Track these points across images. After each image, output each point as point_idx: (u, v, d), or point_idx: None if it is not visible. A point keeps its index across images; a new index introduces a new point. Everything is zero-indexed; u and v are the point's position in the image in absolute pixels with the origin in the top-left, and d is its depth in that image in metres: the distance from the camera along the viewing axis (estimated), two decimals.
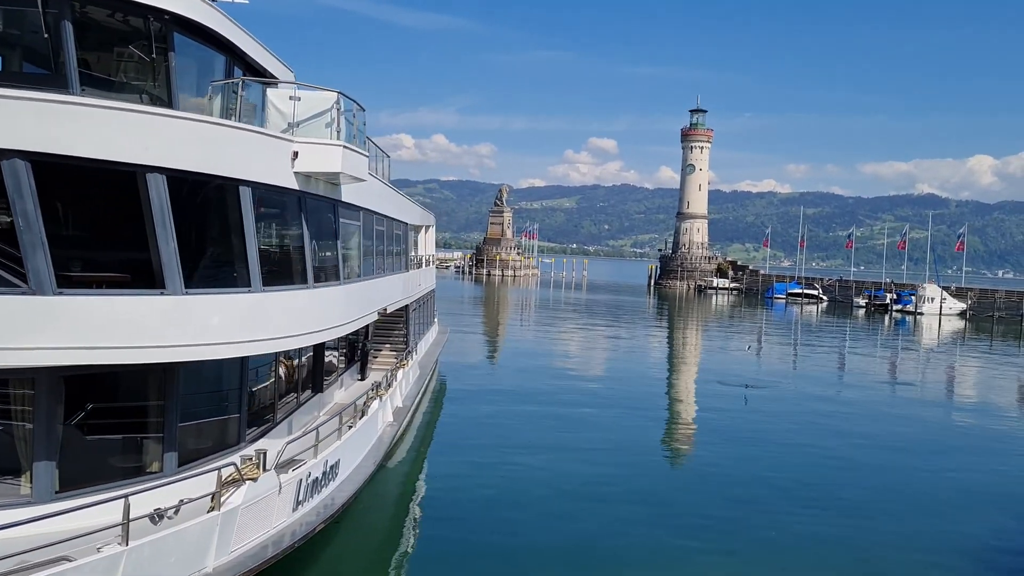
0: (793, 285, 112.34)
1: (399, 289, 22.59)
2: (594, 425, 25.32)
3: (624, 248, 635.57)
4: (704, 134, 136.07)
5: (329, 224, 14.39)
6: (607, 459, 21.00)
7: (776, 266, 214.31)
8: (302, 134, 12.52)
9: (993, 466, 22.57)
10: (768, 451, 22.92)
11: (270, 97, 12.67)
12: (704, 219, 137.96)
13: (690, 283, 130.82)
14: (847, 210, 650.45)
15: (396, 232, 22.21)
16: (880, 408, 31.15)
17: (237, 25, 14.01)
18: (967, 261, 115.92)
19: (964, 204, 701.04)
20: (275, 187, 11.91)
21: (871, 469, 21.37)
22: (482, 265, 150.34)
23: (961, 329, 76.49)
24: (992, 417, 30.54)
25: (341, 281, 14.78)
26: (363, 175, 13.79)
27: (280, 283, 12.44)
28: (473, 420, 25.99)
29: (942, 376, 43.89)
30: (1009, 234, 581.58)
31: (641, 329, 62.73)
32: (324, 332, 13.74)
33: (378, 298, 18.87)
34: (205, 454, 11.99)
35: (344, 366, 21.64)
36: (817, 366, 45.24)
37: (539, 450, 21.78)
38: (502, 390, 31.37)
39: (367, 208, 17.23)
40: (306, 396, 16.35)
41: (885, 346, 59.12)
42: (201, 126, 10.52)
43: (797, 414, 28.75)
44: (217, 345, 10.79)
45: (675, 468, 21.80)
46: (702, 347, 54.36)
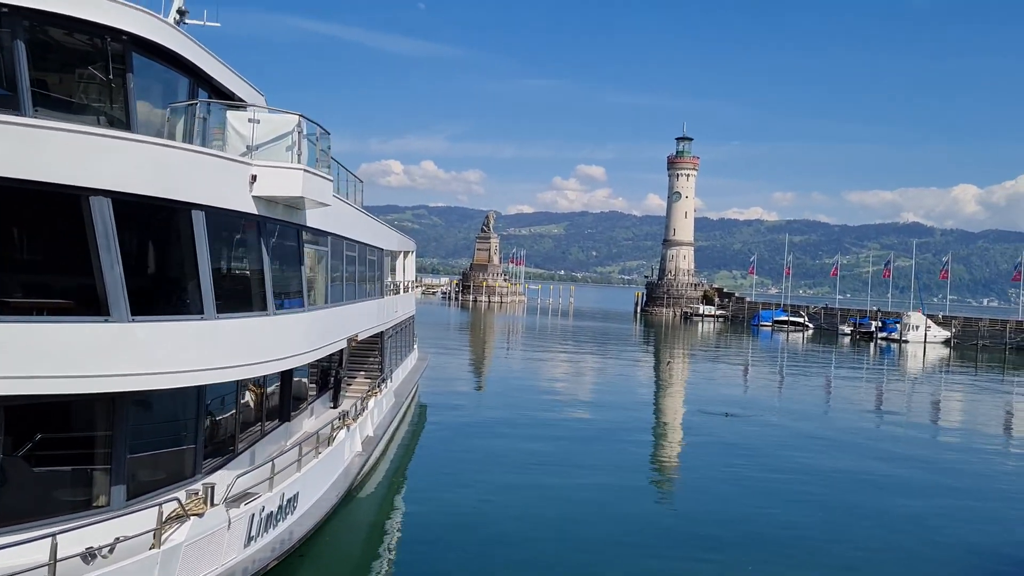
0: (779, 313, 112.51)
1: (372, 315, 22.23)
2: (575, 456, 24.81)
3: (612, 275, 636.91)
4: (690, 162, 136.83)
5: (292, 249, 14.07)
6: (588, 492, 20.49)
7: (763, 293, 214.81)
8: (263, 157, 12.23)
9: (980, 499, 22.29)
10: (750, 484, 22.45)
11: (230, 120, 12.38)
12: (690, 246, 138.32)
13: (676, 310, 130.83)
14: (833, 238, 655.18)
15: (369, 258, 21.88)
16: (864, 439, 30.61)
17: (201, 47, 13.77)
18: (952, 289, 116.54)
19: (949, 233, 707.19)
20: (232, 211, 11.58)
21: (855, 505, 20.95)
22: (468, 291, 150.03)
23: (946, 357, 76.56)
24: (979, 448, 30.21)
25: (306, 307, 14.42)
26: (327, 199, 13.49)
27: (237, 309, 12.07)
28: (452, 449, 25.48)
29: (927, 405, 43.67)
30: (994, 263, 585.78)
31: (626, 357, 62.39)
32: (286, 360, 13.36)
33: (348, 325, 18.51)
34: (158, 487, 11.55)
35: (316, 394, 21.23)
36: (802, 395, 44.96)
37: (518, 481, 21.25)
38: (483, 418, 30.90)
39: (336, 233, 16.91)
40: (272, 425, 15.92)
41: (870, 374, 58.98)
42: (149, 148, 10.20)
43: (780, 445, 28.33)
44: (166, 374, 10.40)
45: (656, 502, 21.28)
46: (686, 375, 54.04)
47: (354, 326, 19.44)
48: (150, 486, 11.48)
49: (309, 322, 14.53)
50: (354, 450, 17.66)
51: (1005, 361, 74.61)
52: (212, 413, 13.20)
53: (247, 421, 14.48)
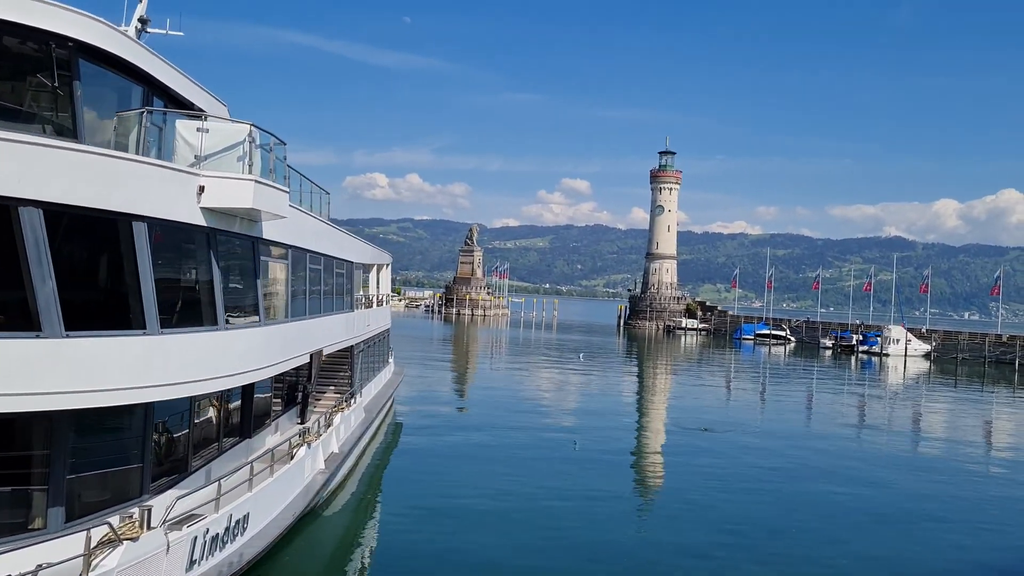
0: (761, 326, 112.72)
1: (340, 329, 21.85)
2: (552, 472, 24.37)
3: (597, 288, 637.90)
4: (673, 175, 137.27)
5: (247, 262, 13.71)
6: (563, 510, 20.12)
7: (747, 307, 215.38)
8: (213, 168, 11.89)
9: (961, 512, 22.13)
10: (728, 497, 22.21)
11: (179, 129, 12.04)
12: (673, 260, 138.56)
13: (659, 323, 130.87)
14: (816, 252, 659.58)
15: (337, 271, 21.51)
16: (843, 454, 30.25)
17: (156, 55, 13.45)
18: (934, 303, 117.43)
19: (931, 247, 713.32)
20: (178, 223, 11.23)
21: (832, 517, 20.79)
22: (452, 304, 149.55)
23: (926, 370, 76.79)
24: (958, 463, 30.07)
25: (262, 322, 14.04)
26: (281, 211, 13.15)
27: (185, 324, 11.70)
28: (425, 465, 25.02)
29: (907, 420, 43.62)
30: (974, 276, 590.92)
31: (608, 371, 62.07)
32: (238, 376, 12.97)
33: (312, 339, 18.13)
34: (101, 508, 11.14)
35: (282, 409, 20.82)
36: (781, 409, 44.80)
37: (492, 498, 20.86)
38: (460, 435, 30.42)
39: (297, 246, 16.56)
40: (232, 442, 15.51)
41: (851, 388, 58.94)
42: (83, 157, 9.84)
43: (757, 460, 28.05)
44: (103, 392, 10.01)
45: (635, 519, 20.86)
46: (668, 389, 53.87)
47: (319, 340, 19.06)
48: (93, 507, 11.07)
49: (266, 336, 14.15)
50: (316, 467, 17.24)
51: (984, 375, 74.87)
52: (164, 430, 12.81)
53: (203, 438, 14.08)
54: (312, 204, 19.03)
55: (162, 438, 12.80)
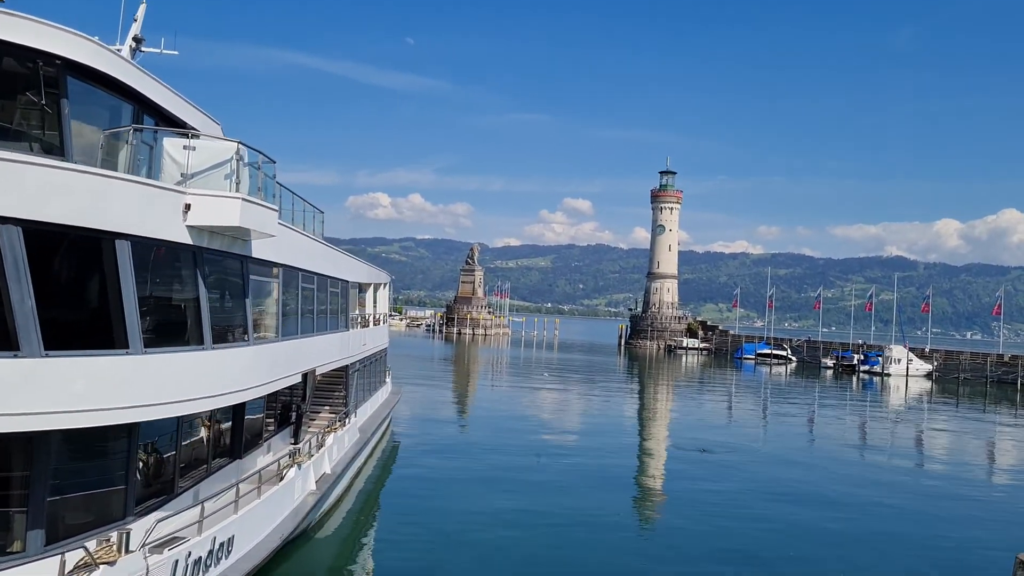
0: (762, 346, 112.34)
1: (335, 349, 21.69)
2: (549, 491, 24.10)
3: (599, 307, 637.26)
4: (673, 195, 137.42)
5: (236, 281, 13.59)
6: (561, 535, 19.81)
7: (749, 326, 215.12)
8: (200, 185, 11.80)
9: (968, 532, 21.85)
10: (728, 524, 21.86)
11: (166, 147, 11.97)
12: (674, 279, 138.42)
13: (660, 343, 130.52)
14: (818, 271, 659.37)
15: (331, 290, 21.39)
16: (844, 476, 29.95)
17: (147, 74, 13.40)
18: (936, 323, 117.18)
19: (932, 266, 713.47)
20: (162, 241, 11.11)
21: (837, 545, 20.49)
22: (453, 324, 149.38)
23: (928, 390, 76.39)
24: (962, 483, 29.76)
25: (251, 341, 13.90)
26: (270, 229, 13.05)
27: (170, 343, 11.56)
28: (422, 486, 24.77)
29: (909, 441, 43.24)
30: (976, 296, 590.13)
31: (608, 391, 61.75)
32: (225, 396, 12.81)
33: (304, 358, 17.98)
34: (84, 530, 10.95)
35: (275, 429, 20.63)
36: (782, 430, 44.46)
37: (488, 522, 20.58)
38: (457, 454, 30.18)
39: (289, 265, 16.45)
40: (222, 463, 15.32)
41: (852, 409, 58.56)
42: (66, 175, 9.74)
43: (755, 482, 27.77)
44: (84, 412, 9.86)
45: (633, 544, 20.47)
46: (668, 410, 53.55)
47: (312, 360, 18.90)
48: (75, 530, 10.89)
49: (254, 356, 14.00)
50: (307, 489, 17.02)
51: (986, 395, 74.48)
52: (151, 451, 12.64)
53: (192, 459, 13.89)
54: (305, 223, 18.94)
55: (149, 459, 12.63)
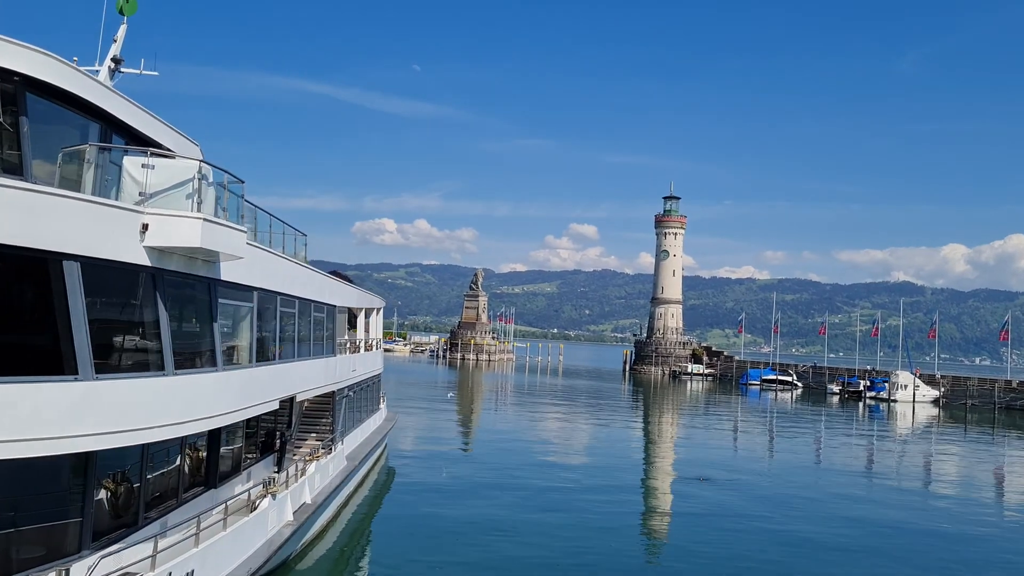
0: (768, 371, 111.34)
1: (319, 375, 21.20)
2: (549, 526, 23.40)
3: (605, 333, 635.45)
4: (678, 220, 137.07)
5: (203, 304, 13.14)
6: (559, 568, 19.31)
7: (756, 352, 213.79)
8: (161, 205, 11.40)
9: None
10: (726, 554, 21.28)
11: (125, 165, 11.57)
12: (678, 304, 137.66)
13: (665, 369, 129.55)
14: (825, 296, 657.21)
15: (315, 314, 20.94)
16: (848, 508, 28.94)
17: (115, 92, 13.07)
18: (944, 348, 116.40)
19: (940, 292, 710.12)
20: (117, 263, 10.68)
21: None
22: (456, 349, 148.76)
23: (935, 417, 75.36)
24: (971, 518, 28.84)
25: (219, 367, 13.42)
26: (237, 251, 12.61)
27: (127, 369, 11.09)
28: (414, 516, 24.21)
29: (916, 470, 42.33)
30: (984, 322, 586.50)
31: (612, 418, 60.89)
32: (189, 424, 12.32)
33: (282, 385, 17.48)
34: (36, 564, 10.45)
35: (257, 457, 20.12)
36: (785, 458, 43.65)
37: (483, 556, 19.98)
38: (453, 482, 29.61)
39: (265, 288, 16.01)
40: (195, 492, 14.78)
41: (858, 436, 57.56)
42: (7, 192, 9.33)
43: (760, 513, 26.96)
44: (27, 441, 9.38)
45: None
46: (672, 436, 52.76)
47: (292, 386, 18.40)
48: (26, 565, 10.38)
49: (223, 382, 13.51)
50: (283, 519, 16.45)
51: (995, 421, 73.37)
52: (117, 481, 12.14)
53: (161, 488, 13.38)
54: (285, 246, 18.54)
55: (115, 489, 12.14)
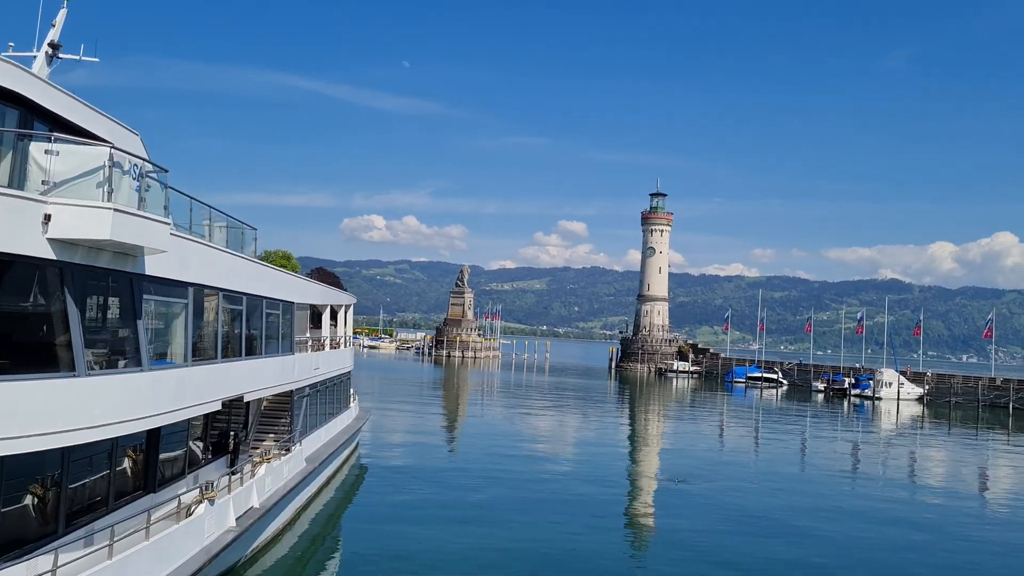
0: (753, 369, 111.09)
1: (272, 373, 20.46)
2: (524, 528, 22.79)
3: (594, 330, 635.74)
4: (664, 217, 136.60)
5: (125, 301, 12.40)
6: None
7: (744, 349, 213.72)
8: (69, 194, 10.65)
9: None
10: (707, 558, 20.74)
11: (31, 151, 10.80)
12: (665, 302, 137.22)
13: (651, 366, 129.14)
14: (813, 294, 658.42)
15: (268, 311, 20.18)
16: (830, 515, 28.22)
17: (38, 77, 12.33)
18: (932, 346, 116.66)
19: (927, 289, 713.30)
20: (16, 256, 9.94)
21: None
22: (442, 346, 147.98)
23: (919, 414, 75.15)
24: (956, 517, 28.35)
25: (145, 367, 12.68)
26: (157, 244, 11.86)
27: (30, 370, 10.35)
28: (383, 517, 23.64)
29: (899, 469, 41.83)
30: (971, 319, 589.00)
31: (596, 417, 60.00)
32: (105, 428, 11.57)
33: (225, 385, 16.73)
34: None
35: (210, 458, 19.42)
36: (768, 458, 43.16)
37: (456, 561, 19.39)
38: (427, 482, 28.94)
39: (203, 284, 15.25)
40: (131, 497, 14.04)
41: (842, 434, 57.11)
42: None
43: (739, 513, 26.39)
44: None
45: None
46: (654, 436, 52.18)
47: (238, 385, 17.66)
48: None
49: (148, 383, 12.77)
50: (224, 526, 15.72)
51: (979, 419, 73.21)
52: (30, 487, 11.41)
53: (88, 495, 12.65)
54: (229, 240, 17.80)
55: (43, 495, 11.43)
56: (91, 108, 13.66)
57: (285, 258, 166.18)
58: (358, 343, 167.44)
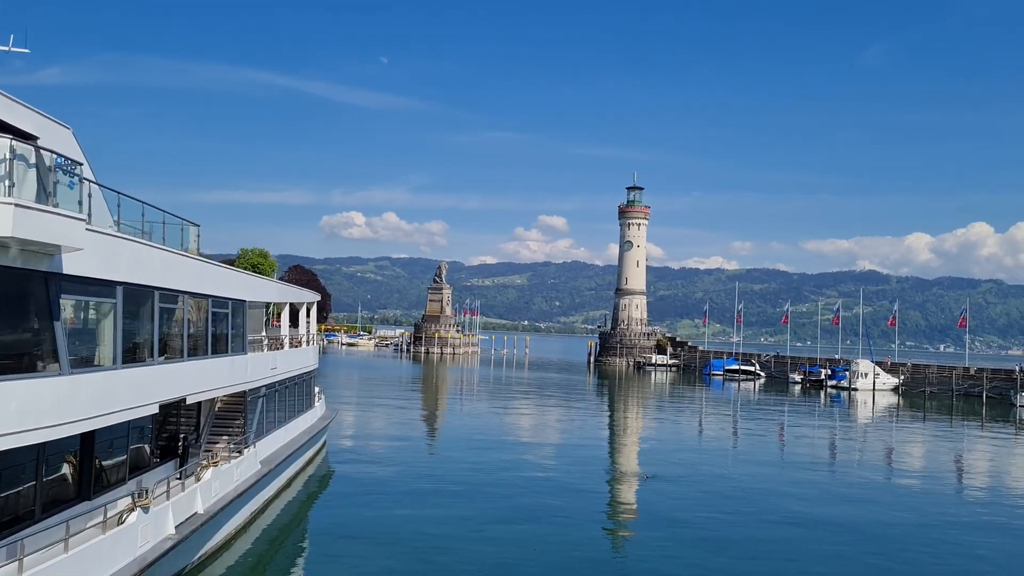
0: (730, 361, 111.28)
1: (220, 374, 19.83)
2: (481, 532, 22.15)
3: (576, 324, 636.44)
4: (641, 211, 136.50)
5: (39, 302, 11.78)
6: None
7: (725, 341, 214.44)
8: None
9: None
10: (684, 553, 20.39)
11: None
12: (643, 295, 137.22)
13: (629, 360, 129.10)
14: (792, 286, 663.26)
15: (215, 310, 19.55)
16: (809, 499, 28.23)
17: None
18: (911, 336, 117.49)
19: (904, 280, 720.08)
20: None
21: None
22: (421, 343, 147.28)
23: (894, 404, 75.44)
24: (929, 509, 28.10)
25: (64, 371, 12.08)
26: (70, 241, 11.23)
27: None
28: (347, 520, 23.10)
29: (873, 460, 41.69)
30: (948, 309, 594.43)
31: (572, 411, 59.37)
32: (24, 435, 10.99)
33: (164, 387, 16.11)
34: None
35: (157, 461, 18.81)
36: (742, 450, 42.92)
37: (421, 559, 18.90)
38: (396, 481, 28.40)
39: (135, 283, 14.63)
40: (64, 506, 13.43)
41: (817, 427, 56.95)
42: None
43: (715, 506, 26.11)
44: None
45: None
46: (629, 430, 51.81)
47: (179, 388, 17.04)
48: None
49: (68, 387, 12.16)
50: (161, 534, 15.12)
51: (953, 409, 73.59)
52: None
53: (11, 505, 12.04)
54: (166, 237, 17.17)
55: None
56: (16, 102, 13.00)
57: (262, 256, 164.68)
58: (336, 340, 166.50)
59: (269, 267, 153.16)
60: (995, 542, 23.39)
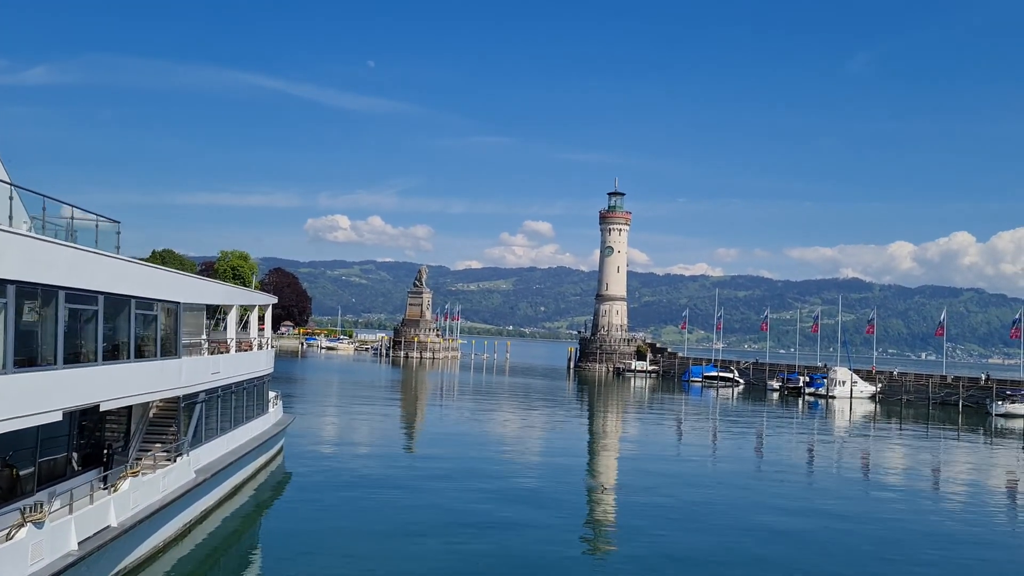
0: (710, 368, 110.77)
1: (148, 379, 18.82)
2: (456, 541, 21.39)
3: (560, 330, 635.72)
4: (622, 216, 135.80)
5: None
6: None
7: (708, 348, 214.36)
8: None
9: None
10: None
11: None
12: (623, 301, 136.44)
13: (609, 366, 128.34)
14: (776, 293, 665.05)
15: (140, 312, 18.49)
16: (785, 509, 27.57)
17: None
18: (893, 343, 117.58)
19: (887, 288, 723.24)
20: None
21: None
22: (400, 347, 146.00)
23: (871, 412, 75.03)
24: (906, 521, 27.44)
25: None
26: None
27: None
28: (293, 527, 22.19)
29: (854, 462, 41.04)
30: (930, 317, 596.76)
31: (548, 419, 58.01)
32: None
33: (71, 392, 15.08)
34: None
35: (77, 470, 17.81)
36: (713, 459, 42.20)
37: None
38: (354, 487, 27.51)
39: (34, 282, 13.61)
40: None
41: (794, 435, 56.28)
42: None
43: (687, 515, 25.31)
44: None
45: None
46: (604, 438, 51.01)
47: (91, 393, 16.00)
48: None
49: None
50: (61, 549, 14.08)
51: (929, 416, 73.28)
52: None
53: None
54: (80, 237, 16.18)
55: None
56: None
57: (242, 259, 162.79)
58: (316, 344, 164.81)
59: (249, 269, 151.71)
60: (971, 552, 23.14)
